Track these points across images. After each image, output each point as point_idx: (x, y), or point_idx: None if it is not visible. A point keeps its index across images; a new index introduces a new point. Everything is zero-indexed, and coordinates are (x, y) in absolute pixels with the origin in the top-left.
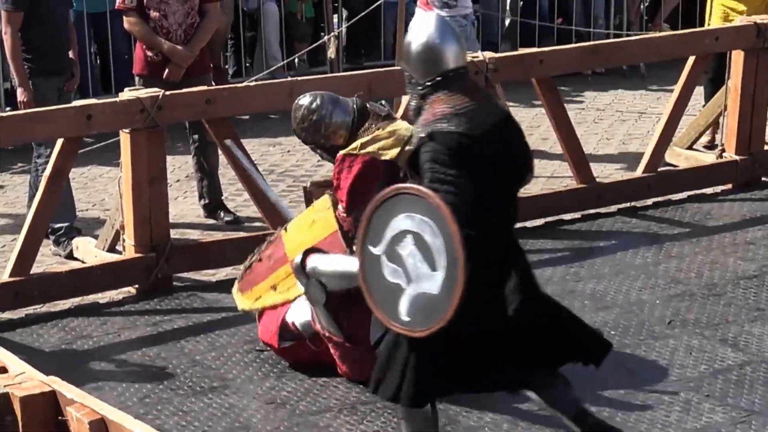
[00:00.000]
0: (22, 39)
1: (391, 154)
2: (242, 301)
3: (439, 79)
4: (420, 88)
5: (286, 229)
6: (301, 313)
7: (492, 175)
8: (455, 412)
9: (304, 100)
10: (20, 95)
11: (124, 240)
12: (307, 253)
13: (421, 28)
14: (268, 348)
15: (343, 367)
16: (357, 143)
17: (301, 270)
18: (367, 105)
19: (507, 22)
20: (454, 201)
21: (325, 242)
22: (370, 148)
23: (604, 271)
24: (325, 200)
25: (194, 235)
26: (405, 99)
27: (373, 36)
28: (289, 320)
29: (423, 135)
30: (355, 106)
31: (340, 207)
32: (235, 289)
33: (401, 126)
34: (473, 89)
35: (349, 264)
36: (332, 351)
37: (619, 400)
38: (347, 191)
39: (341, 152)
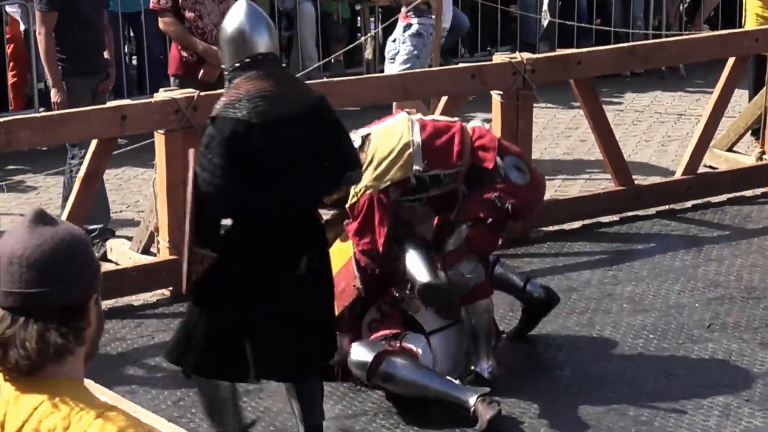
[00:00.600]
0: (57, 39)
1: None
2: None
3: (245, 62)
4: (227, 71)
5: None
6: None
7: (280, 162)
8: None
9: None
10: (54, 96)
11: (158, 242)
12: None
13: (234, 14)
14: None
15: None
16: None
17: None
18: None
19: (545, 23)
20: (207, 189)
21: (343, 271)
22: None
23: (643, 274)
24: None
25: None
26: (443, 100)
27: None
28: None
29: (209, 118)
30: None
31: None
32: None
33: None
34: (278, 77)
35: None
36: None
37: (657, 403)
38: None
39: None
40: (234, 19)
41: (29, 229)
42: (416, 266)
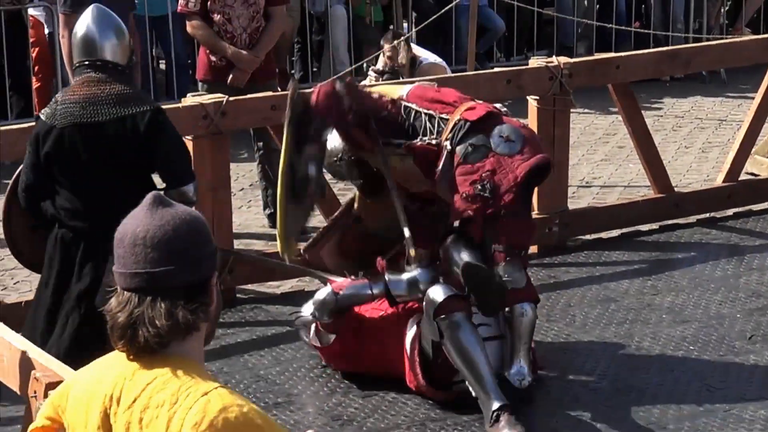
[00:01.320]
0: None
1: None
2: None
3: (81, 64)
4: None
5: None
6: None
7: (74, 167)
8: (526, 430)
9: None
10: None
11: None
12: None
13: (83, 17)
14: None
15: (413, 380)
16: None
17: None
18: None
19: (582, 26)
20: (21, 184)
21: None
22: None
23: (683, 283)
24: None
25: (258, 245)
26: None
27: (444, 40)
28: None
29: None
30: None
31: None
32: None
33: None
34: (106, 84)
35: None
36: (410, 371)
37: (698, 417)
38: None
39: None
40: (82, 23)
41: (150, 212)
42: (461, 252)
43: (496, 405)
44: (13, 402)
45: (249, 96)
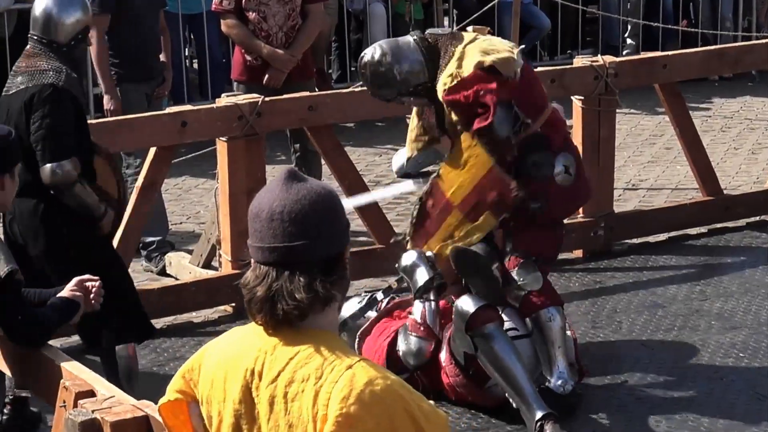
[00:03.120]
0: (110, 43)
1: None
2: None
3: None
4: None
5: (439, 175)
6: (406, 343)
7: None
8: None
9: (366, 58)
10: (107, 103)
11: (220, 255)
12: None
13: None
14: None
15: (460, 391)
16: (465, 62)
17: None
18: (427, 34)
19: (629, 24)
20: None
21: (485, 182)
22: (488, 58)
23: (732, 289)
24: (466, 138)
25: None
26: None
27: None
28: (398, 350)
29: None
30: (415, 40)
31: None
32: (409, 246)
33: (485, 39)
34: (33, 56)
35: None
36: (449, 378)
37: (747, 425)
38: (495, 104)
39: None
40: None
41: (285, 187)
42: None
43: (539, 415)
44: (44, 412)
45: (285, 96)
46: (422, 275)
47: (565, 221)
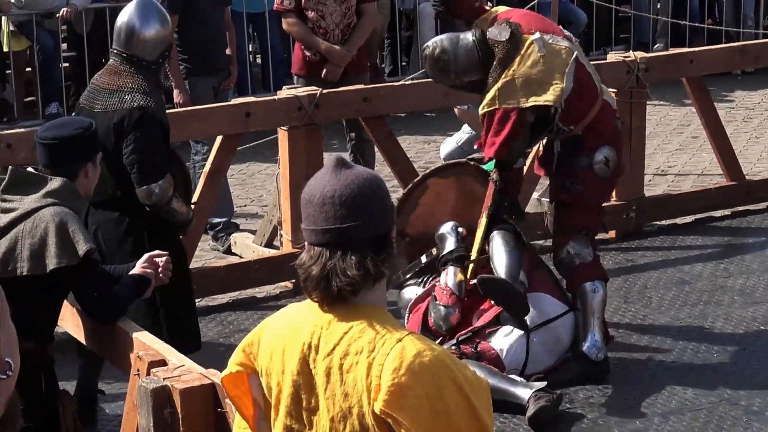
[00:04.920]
0: (178, 40)
1: (546, 97)
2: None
3: (111, 51)
4: None
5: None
6: (435, 312)
7: None
8: (606, 405)
9: (427, 51)
10: (176, 97)
11: (281, 235)
12: None
13: (127, 6)
14: None
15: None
16: (499, 89)
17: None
18: (487, 34)
19: (658, 23)
20: None
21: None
22: (530, 102)
23: (754, 266)
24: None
25: None
26: None
27: None
28: (429, 317)
29: None
30: (474, 41)
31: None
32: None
33: (553, 52)
34: (120, 74)
35: None
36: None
37: None
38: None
39: (484, 109)
40: (125, 12)
41: (334, 173)
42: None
43: (525, 398)
44: (117, 380)
45: (342, 89)
46: (449, 245)
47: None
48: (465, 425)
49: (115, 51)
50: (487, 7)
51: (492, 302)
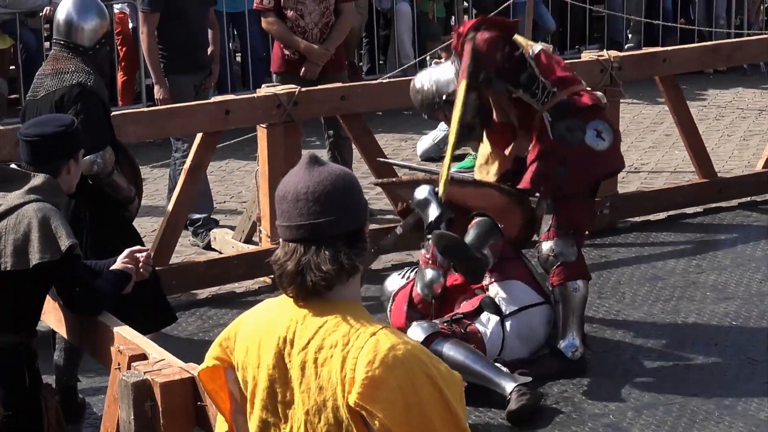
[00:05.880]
0: (160, 38)
1: None
2: None
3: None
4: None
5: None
6: (421, 277)
7: None
8: (580, 400)
9: (415, 85)
10: (157, 93)
11: (260, 231)
12: None
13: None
14: None
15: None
16: None
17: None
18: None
19: (631, 22)
20: None
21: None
22: None
23: (726, 263)
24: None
25: None
26: None
27: None
28: (416, 287)
29: None
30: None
31: None
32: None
33: None
34: (58, 59)
35: None
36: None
37: (740, 387)
38: None
39: None
40: (63, 5)
41: (308, 170)
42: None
43: (508, 389)
44: (98, 374)
45: (320, 87)
46: (433, 211)
47: None
48: (438, 418)
49: (55, 40)
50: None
51: (463, 279)
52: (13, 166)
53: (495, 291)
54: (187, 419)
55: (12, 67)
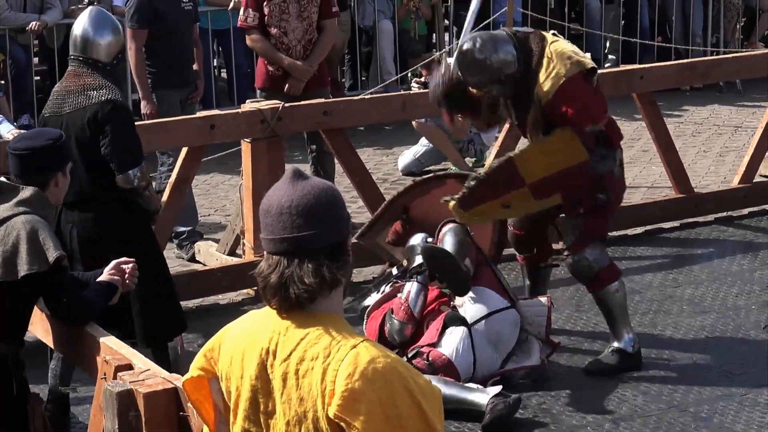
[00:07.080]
0: (147, 53)
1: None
2: (462, 215)
3: (69, 58)
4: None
5: (517, 155)
6: (390, 324)
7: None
8: (558, 411)
9: (466, 45)
10: (143, 108)
11: (244, 244)
12: None
13: (81, 17)
14: None
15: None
16: (564, 62)
17: None
18: (515, 30)
19: (609, 40)
20: None
21: (573, 171)
22: (586, 62)
23: (702, 277)
24: (564, 131)
25: None
26: None
27: None
28: (385, 329)
29: None
30: (508, 34)
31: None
32: (453, 205)
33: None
34: (79, 77)
35: None
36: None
37: (716, 400)
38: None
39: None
40: (79, 22)
41: (292, 184)
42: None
43: (483, 404)
44: (84, 383)
45: (303, 102)
46: (419, 259)
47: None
48: (416, 430)
49: (73, 57)
50: None
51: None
52: (2, 179)
53: (461, 300)
54: (170, 429)
55: (1, 82)
